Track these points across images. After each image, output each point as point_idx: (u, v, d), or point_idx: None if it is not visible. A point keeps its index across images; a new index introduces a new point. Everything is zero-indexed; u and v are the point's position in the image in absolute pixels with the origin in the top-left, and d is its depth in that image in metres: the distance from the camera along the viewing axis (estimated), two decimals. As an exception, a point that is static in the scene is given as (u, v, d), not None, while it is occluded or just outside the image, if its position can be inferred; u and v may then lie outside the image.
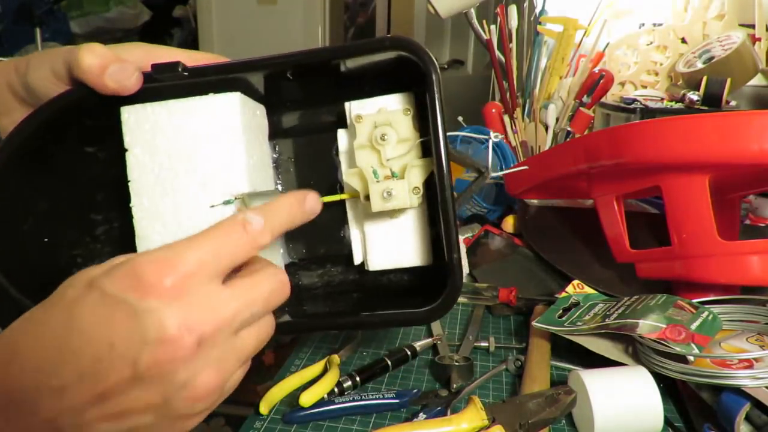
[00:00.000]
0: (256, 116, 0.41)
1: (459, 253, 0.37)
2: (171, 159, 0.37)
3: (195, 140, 0.37)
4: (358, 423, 0.49)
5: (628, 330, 0.51)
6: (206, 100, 0.37)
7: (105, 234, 0.42)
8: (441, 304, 0.38)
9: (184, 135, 0.37)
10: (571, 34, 1.01)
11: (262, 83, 0.40)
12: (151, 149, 0.37)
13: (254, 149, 0.40)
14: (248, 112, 0.39)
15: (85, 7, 2.71)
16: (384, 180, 0.38)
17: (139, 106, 0.37)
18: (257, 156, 0.40)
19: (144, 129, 0.37)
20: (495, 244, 0.84)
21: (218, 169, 0.37)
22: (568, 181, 0.72)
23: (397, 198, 0.38)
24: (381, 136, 0.39)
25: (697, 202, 0.57)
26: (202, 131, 0.37)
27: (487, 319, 0.69)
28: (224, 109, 0.37)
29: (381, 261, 0.45)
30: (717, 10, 1.20)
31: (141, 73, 0.35)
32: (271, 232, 0.30)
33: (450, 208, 0.35)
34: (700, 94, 1.05)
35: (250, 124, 0.39)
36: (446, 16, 1.08)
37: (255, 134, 0.40)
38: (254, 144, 0.40)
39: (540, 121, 1.01)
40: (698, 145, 0.54)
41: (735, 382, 0.44)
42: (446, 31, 2.28)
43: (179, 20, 3.16)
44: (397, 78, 0.39)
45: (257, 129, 0.41)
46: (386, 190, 0.38)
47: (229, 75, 0.37)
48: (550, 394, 0.46)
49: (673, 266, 0.61)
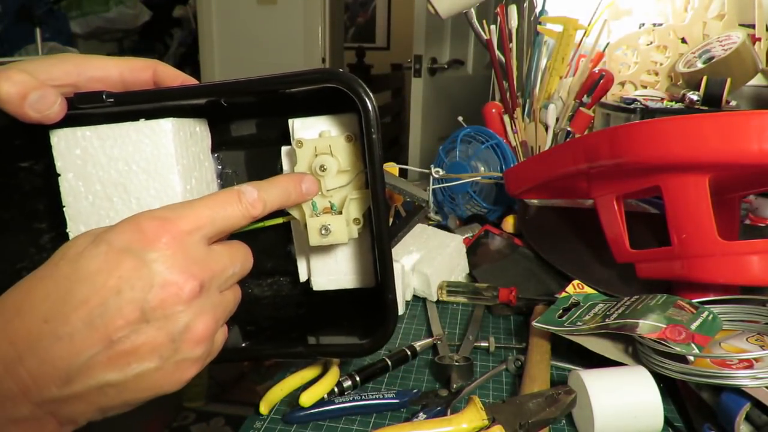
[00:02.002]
0: (195, 134, 0.40)
1: (394, 294, 0.37)
2: (105, 187, 0.36)
3: (128, 167, 0.35)
4: (358, 423, 0.49)
5: (628, 330, 0.51)
6: (137, 126, 0.35)
7: (51, 242, 0.40)
8: (374, 341, 0.39)
9: (116, 162, 0.35)
10: (571, 34, 1.01)
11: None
12: (84, 175, 0.36)
13: (192, 170, 0.38)
14: (184, 133, 0.37)
15: (85, 7, 2.71)
16: (323, 213, 0.38)
17: (69, 130, 0.35)
18: (196, 176, 0.39)
19: (75, 154, 0.35)
20: (495, 244, 0.84)
21: (153, 197, 0.36)
22: (568, 181, 0.72)
23: (335, 234, 0.38)
24: (320, 167, 0.38)
25: (697, 202, 0.57)
26: (134, 158, 0.35)
27: (487, 319, 0.69)
28: (156, 137, 0.35)
29: (324, 282, 0.45)
30: (717, 10, 1.20)
31: (64, 99, 0.33)
32: (263, 204, 0.32)
33: (385, 248, 0.36)
34: (700, 94, 1.05)
35: (186, 146, 0.38)
36: (446, 16, 1.08)
37: (193, 154, 0.39)
38: (193, 164, 0.39)
39: (540, 121, 1.01)
40: (698, 145, 0.54)
41: (735, 382, 0.44)
42: (446, 31, 2.27)
43: (179, 20, 3.16)
44: (344, 96, 0.37)
45: (196, 147, 0.40)
46: (324, 225, 0.38)
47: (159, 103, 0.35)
48: (550, 394, 0.46)
49: (673, 266, 0.61)
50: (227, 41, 2.61)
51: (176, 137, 0.36)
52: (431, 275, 0.71)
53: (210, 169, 0.42)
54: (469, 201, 1.00)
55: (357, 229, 0.40)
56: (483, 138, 0.99)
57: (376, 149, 0.34)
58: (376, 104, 0.35)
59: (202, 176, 0.40)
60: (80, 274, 0.26)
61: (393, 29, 4.62)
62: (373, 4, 4.63)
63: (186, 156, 0.38)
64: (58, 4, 2.63)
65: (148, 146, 0.35)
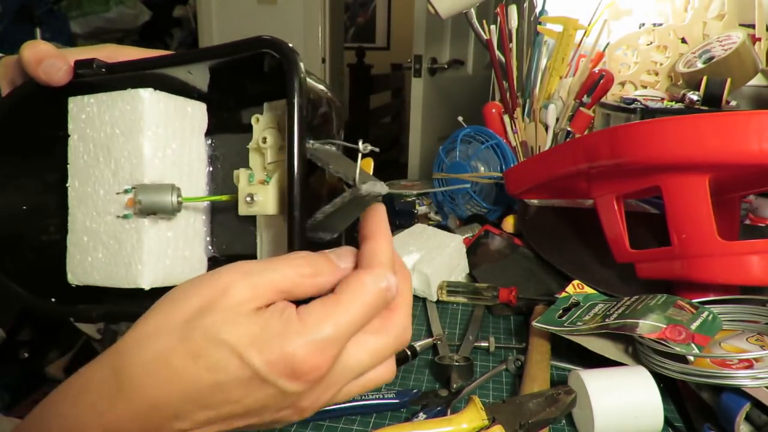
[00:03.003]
0: (183, 112, 0.42)
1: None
2: (96, 147, 0.40)
3: (113, 130, 0.40)
4: (358, 423, 0.49)
5: (628, 330, 0.51)
6: (123, 94, 0.39)
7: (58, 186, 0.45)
8: None
9: (105, 126, 0.40)
10: (571, 34, 1.01)
11: (204, 81, 0.42)
12: (83, 137, 0.41)
13: (170, 142, 0.41)
14: (166, 106, 0.41)
15: (85, 7, 2.71)
16: (257, 184, 0.39)
17: (80, 97, 0.40)
18: (175, 149, 0.42)
19: (81, 118, 0.40)
20: (495, 244, 0.84)
21: (126, 159, 0.39)
22: (568, 181, 0.72)
23: (259, 204, 0.38)
24: (263, 139, 0.39)
25: (697, 202, 0.57)
26: (117, 123, 0.40)
27: (487, 319, 0.69)
28: (134, 103, 0.39)
29: None
30: (717, 10, 1.20)
31: (72, 68, 0.38)
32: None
33: (294, 215, 0.33)
34: (700, 94, 1.05)
35: (166, 118, 0.41)
36: (446, 16, 1.08)
37: (177, 129, 0.42)
38: (171, 137, 0.41)
39: (540, 121, 1.01)
40: (698, 145, 0.54)
41: (735, 382, 0.44)
42: (446, 31, 2.27)
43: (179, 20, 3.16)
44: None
45: (181, 124, 0.42)
46: (250, 194, 0.38)
47: (146, 71, 0.39)
48: (550, 394, 0.46)
49: (673, 266, 0.61)
50: (227, 41, 2.61)
51: (152, 106, 0.39)
52: (431, 275, 0.71)
53: (198, 149, 0.44)
54: (469, 201, 1.00)
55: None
56: (483, 138, 0.99)
57: (298, 120, 0.34)
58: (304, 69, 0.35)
59: (183, 153, 0.42)
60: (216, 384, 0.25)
61: (393, 29, 4.62)
62: (373, 4, 4.63)
63: (164, 127, 0.40)
64: (58, 4, 2.63)
65: (128, 112, 0.39)
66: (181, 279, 0.41)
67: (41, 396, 0.27)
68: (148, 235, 0.40)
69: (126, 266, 0.40)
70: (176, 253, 0.43)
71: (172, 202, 0.39)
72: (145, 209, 0.39)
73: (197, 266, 0.45)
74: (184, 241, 0.43)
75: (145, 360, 0.25)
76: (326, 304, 0.27)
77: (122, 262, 0.40)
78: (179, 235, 0.43)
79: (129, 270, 0.40)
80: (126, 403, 0.25)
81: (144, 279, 0.40)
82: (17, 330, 1.67)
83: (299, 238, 0.33)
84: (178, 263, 0.43)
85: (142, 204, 0.38)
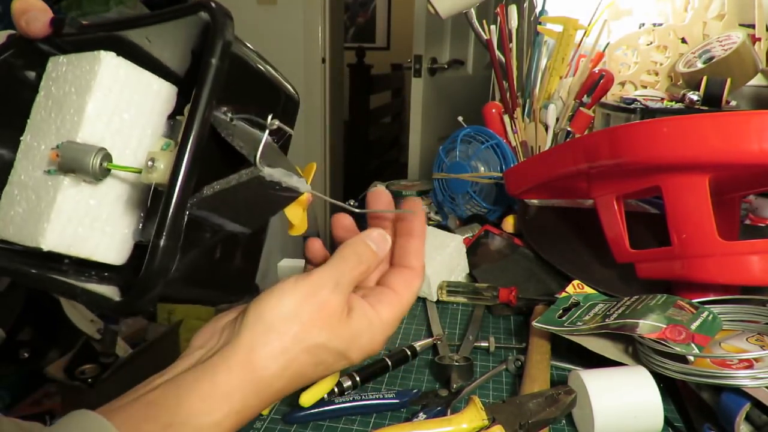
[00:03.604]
0: (150, 89, 0.41)
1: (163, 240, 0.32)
2: (52, 104, 0.40)
3: (70, 89, 0.39)
4: (358, 423, 0.49)
5: (628, 330, 0.51)
6: (87, 55, 0.39)
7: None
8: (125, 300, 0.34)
9: (66, 84, 0.39)
10: (571, 34, 1.01)
11: (184, 64, 0.41)
12: (48, 94, 0.40)
13: (122, 112, 0.39)
14: (127, 75, 0.39)
15: (84, 7, 2.71)
16: (164, 151, 0.37)
17: (57, 57, 0.40)
18: (126, 120, 0.40)
19: (52, 76, 0.40)
20: (495, 244, 0.84)
21: (69, 116, 0.39)
22: (568, 181, 0.72)
23: (158, 170, 0.35)
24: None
25: (697, 202, 0.57)
26: (76, 82, 0.39)
27: (487, 319, 0.69)
28: (94, 63, 0.38)
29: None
30: (717, 10, 1.20)
31: (50, 24, 0.39)
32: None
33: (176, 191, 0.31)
34: (700, 94, 1.05)
35: (123, 88, 0.39)
36: (446, 16, 1.08)
37: (135, 102, 0.40)
38: (125, 108, 0.40)
39: (540, 121, 1.01)
40: (698, 145, 0.54)
41: (735, 382, 0.44)
42: (446, 31, 2.27)
43: (179, 20, 3.15)
44: None
45: (143, 99, 0.41)
46: (153, 158, 0.35)
47: (116, 34, 0.39)
48: (550, 394, 0.46)
49: (673, 266, 0.61)
50: (227, 41, 2.60)
51: (110, 69, 0.39)
52: (431, 275, 0.71)
53: (155, 128, 0.42)
54: (469, 201, 1.00)
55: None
56: (483, 138, 0.99)
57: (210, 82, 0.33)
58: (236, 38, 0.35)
59: (136, 126, 0.40)
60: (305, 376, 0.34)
61: (393, 29, 4.62)
62: (373, 4, 4.62)
63: (118, 93, 0.39)
64: (58, 4, 2.63)
65: (87, 71, 0.38)
66: (91, 254, 0.39)
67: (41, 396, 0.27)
68: (63, 194, 0.38)
69: (35, 223, 0.38)
70: (94, 223, 0.40)
71: (92, 163, 0.37)
72: (64, 166, 0.37)
73: (118, 246, 0.41)
74: (108, 214, 0.40)
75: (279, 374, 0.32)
76: (393, 305, 0.36)
77: (33, 218, 0.38)
78: (103, 207, 0.40)
79: (36, 227, 0.38)
80: (259, 400, 0.31)
81: (45, 238, 0.37)
82: (17, 330, 1.67)
83: (175, 208, 0.31)
84: (94, 236, 0.40)
85: (62, 159, 0.36)
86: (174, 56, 0.41)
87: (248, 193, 0.36)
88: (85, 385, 1.43)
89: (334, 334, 0.33)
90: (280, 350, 0.31)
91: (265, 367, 0.31)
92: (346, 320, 0.33)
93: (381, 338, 0.35)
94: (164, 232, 0.31)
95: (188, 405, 0.29)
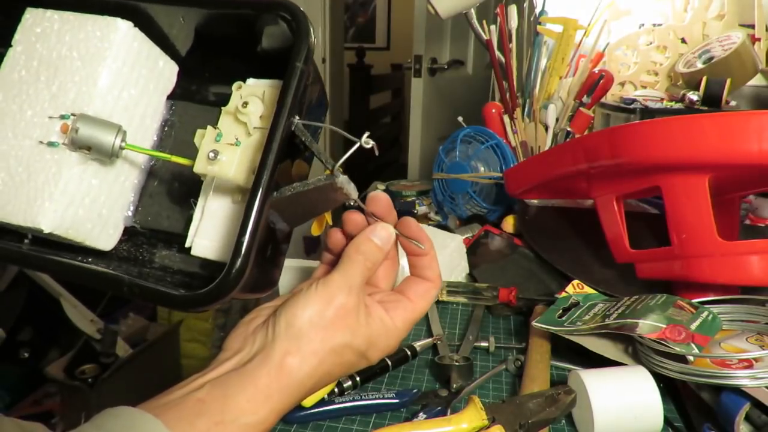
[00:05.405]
0: (156, 65, 0.39)
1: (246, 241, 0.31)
2: (40, 64, 0.37)
3: (69, 53, 0.36)
4: (358, 423, 0.49)
5: (628, 330, 0.51)
6: (96, 18, 0.36)
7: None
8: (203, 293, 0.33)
9: (62, 45, 0.36)
10: (571, 34, 1.01)
11: (186, 43, 0.40)
12: (29, 51, 0.37)
13: (129, 86, 0.38)
14: (140, 47, 0.38)
15: None
16: (224, 144, 0.35)
17: (42, 10, 0.37)
18: (133, 95, 0.38)
19: (34, 31, 0.37)
20: (495, 244, 0.84)
21: (75, 83, 0.36)
22: (568, 182, 0.72)
23: (220, 164, 0.34)
24: (243, 103, 0.36)
25: (697, 202, 0.57)
26: (78, 46, 0.36)
27: (487, 319, 0.69)
28: (107, 30, 0.36)
29: (203, 249, 0.38)
30: (717, 10, 1.20)
31: None
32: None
33: (257, 201, 0.31)
34: (700, 94, 1.05)
35: (134, 61, 0.38)
36: (446, 16, 1.08)
37: (142, 78, 0.39)
38: (132, 82, 0.38)
39: (540, 121, 1.01)
40: (698, 145, 0.54)
41: (735, 382, 0.44)
42: (446, 31, 2.27)
43: (179, 20, 3.15)
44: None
45: (149, 75, 0.39)
46: (214, 150, 0.34)
47: (132, 2, 0.37)
48: (550, 394, 0.46)
49: (673, 266, 0.61)
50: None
51: (126, 41, 0.36)
52: (431, 275, 0.71)
53: (155, 107, 0.41)
54: (469, 201, 1.00)
55: (245, 177, 0.35)
56: (483, 138, 0.99)
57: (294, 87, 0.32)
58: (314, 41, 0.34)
59: (140, 103, 0.39)
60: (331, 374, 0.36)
61: (393, 29, 4.62)
62: (373, 4, 4.62)
63: (129, 67, 0.37)
64: (58, 4, 2.63)
65: (97, 39, 0.36)
66: (85, 238, 0.37)
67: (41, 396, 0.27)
68: (70, 171, 0.35)
69: (29, 200, 0.35)
70: (93, 205, 0.37)
71: (114, 143, 0.34)
72: (80, 141, 0.34)
73: (110, 231, 0.39)
74: (107, 196, 0.38)
75: (311, 374, 0.34)
76: (407, 312, 0.38)
77: (25, 194, 0.35)
78: (103, 188, 0.38)
79: (31, 205, 0.35)
80: (294, 398, 0.34)
81: (46, 219, 0.35)
82: (17, 330, 1.67)
83: (259, 206, 0.31)
84: (91, 219, 0.38)
85: (78, 134, 0.34)
86: (186, 37, 0.39)
87: (315, 195, 0.36)
88: (85, 385, 1.43)
89: (354, 335, 0.35)
90: (310, 353, 0.34)
91: (299, 369, 0.34)
92: (365, 321, 0.36)
93: (394, 342, 0.38)
94: (248, 231, 0.32)
95: (236, 405, 0.32)
